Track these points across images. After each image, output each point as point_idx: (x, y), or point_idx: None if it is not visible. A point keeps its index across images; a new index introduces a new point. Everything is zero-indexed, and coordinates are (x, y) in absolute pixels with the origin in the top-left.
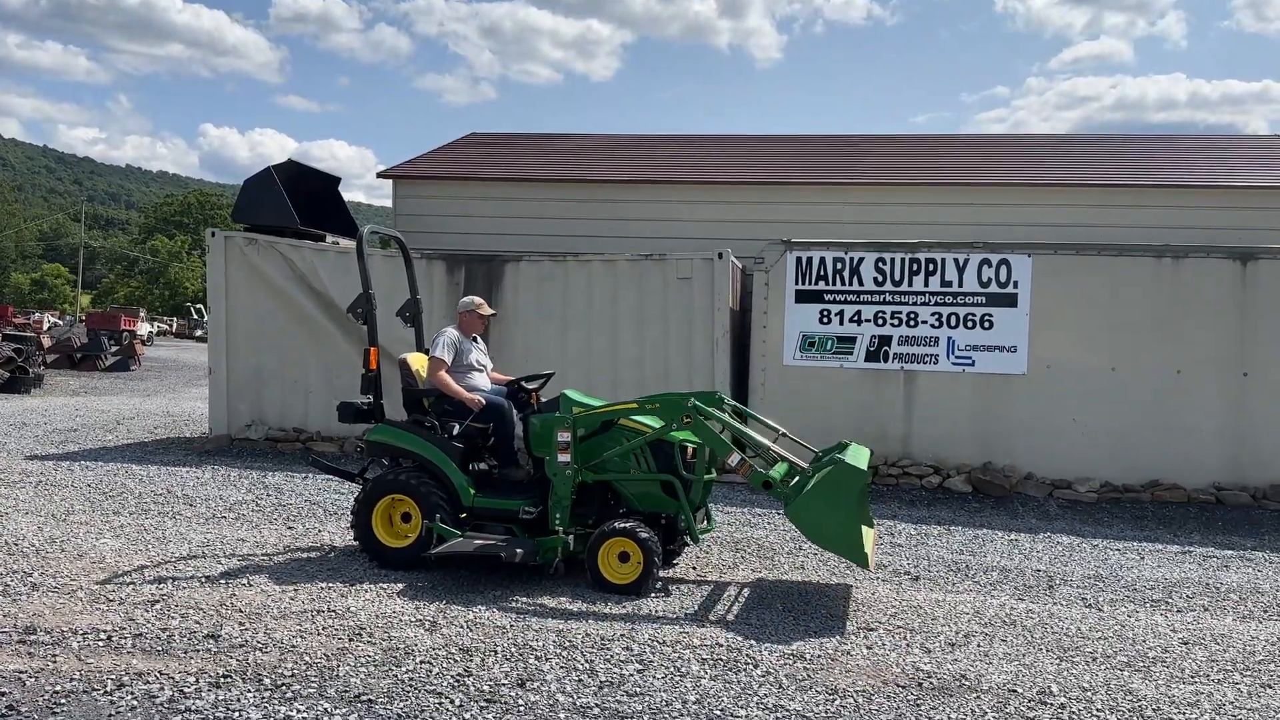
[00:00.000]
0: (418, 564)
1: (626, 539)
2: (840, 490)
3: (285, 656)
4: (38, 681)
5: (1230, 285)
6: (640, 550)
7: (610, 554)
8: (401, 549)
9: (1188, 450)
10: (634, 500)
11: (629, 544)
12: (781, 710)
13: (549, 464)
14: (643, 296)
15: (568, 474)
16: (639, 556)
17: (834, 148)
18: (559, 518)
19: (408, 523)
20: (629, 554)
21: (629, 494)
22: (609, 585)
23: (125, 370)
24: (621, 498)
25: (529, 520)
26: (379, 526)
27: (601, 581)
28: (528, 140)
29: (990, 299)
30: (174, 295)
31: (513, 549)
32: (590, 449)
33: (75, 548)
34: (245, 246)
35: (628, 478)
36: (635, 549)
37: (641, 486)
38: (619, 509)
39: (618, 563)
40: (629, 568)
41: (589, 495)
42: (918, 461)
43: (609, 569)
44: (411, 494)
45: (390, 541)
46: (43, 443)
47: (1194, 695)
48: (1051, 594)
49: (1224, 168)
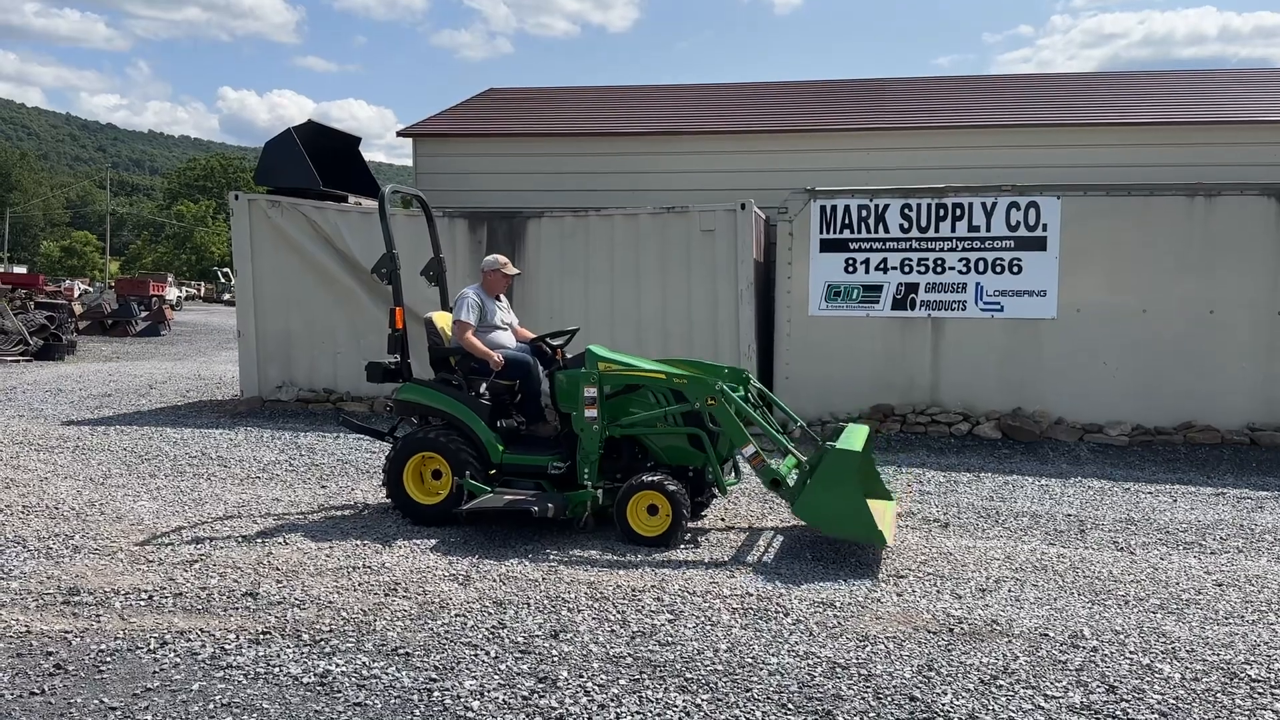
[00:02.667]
0: (449, 520)
1: (655, 492)
2: (838, 476)
3: (323, 612)
4: (83, 641)
5: (1265, 223)
6: (669, 502)
7: (639, 507)
8: (433, 505)
9: (1221, 391)
10: (661, 454)
11: (657, 497)
12: (813, 657)
13: (575, 419)
14: (666, 250)
15: (594, 429)
16: (667, 509)
17: (857, 92)
18: (587, 472)
19: (438, 480)
20: (658, 506)
21: (656, 448)
22: (638, 538)
23: (156, 335)
24: (649, 452)
25: (557, 475)
26: (410, 484)
27: (631, 534)
28: (546, 95)
29: (1019, 243)
30: (200, 259)
31: (543, 504)
32: (616, 405)
33: (114, 510)
34: (269, 209)
35: (655, 432)
36: (664, 501)
37: (669, 440)
38: (646, 462)
39: (646, 515)
40: (658, 520)
41: (616, 450)
42: (946, 409)
43: (638, 522)
44: (440, 451)
45: (422, 498)
46: (78, 408)
47: (1228, 636)
48: (1083, 538)
49: (1258, 102)
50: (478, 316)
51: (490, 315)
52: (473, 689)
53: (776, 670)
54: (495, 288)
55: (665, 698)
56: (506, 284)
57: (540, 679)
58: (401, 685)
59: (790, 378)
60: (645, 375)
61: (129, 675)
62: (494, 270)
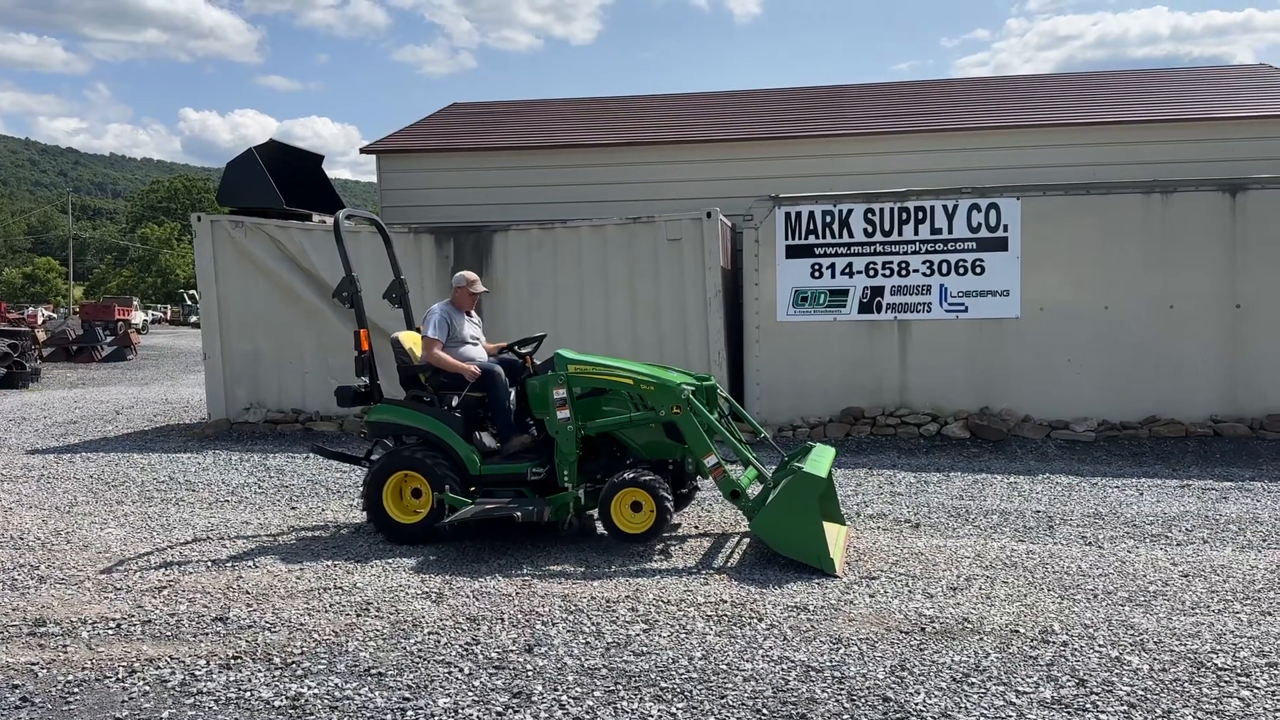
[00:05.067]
0: (433, 538)
1: (637, 488)
2: (800, 501)
3: (294, 635)
4: (50, 672)
5: (1221, 218)
6: (652, 498)
7: (622, 505)
8: (415, 524)
9: (1184, 385)
10: (640, 450)
11: (640, 493)
12: (787, 661)
13: (549, 423)
14: (633, 260)
15: (569, 430)
16: (651, 504)
17: (818, 99)
18: (566, 475)
19: (418, 498)
20: (641, 503)
21: (634, 444)
22: (624, 535)
23: (122, 360)
24: (628, 449)
25: (538, 481)
26: (390, 505)
27: (617, 532)
28: (511, 108)
29: (981, 244)
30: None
31: (525, 508)
32: (590, 406)
33: (81, 539)
34: (232, 230)
35: (631, 427)
36: (647, 497)
37: (646, 435)
38: (625, 460)
39: (631, 512)
40: (642, 516)
41: (594, 450)
42: (915, 410)
43: (623, 519)
44: (418, 468)
45: (403, 518)
46: (43, 436)
47: (1194, 626)
48: (1052, 534)
49: (1210, 100)
50: (446, 333)
51: (459, 330)
52: (446, 706)
53: (751, 676)
54: (464, 304)
55: (641, 708)
56: (474, 301)
57: (515, 694)
58: (374, 705)
59: (761, 384)
60: (614, 380)
61: (97, 705)
62: (462, 287)
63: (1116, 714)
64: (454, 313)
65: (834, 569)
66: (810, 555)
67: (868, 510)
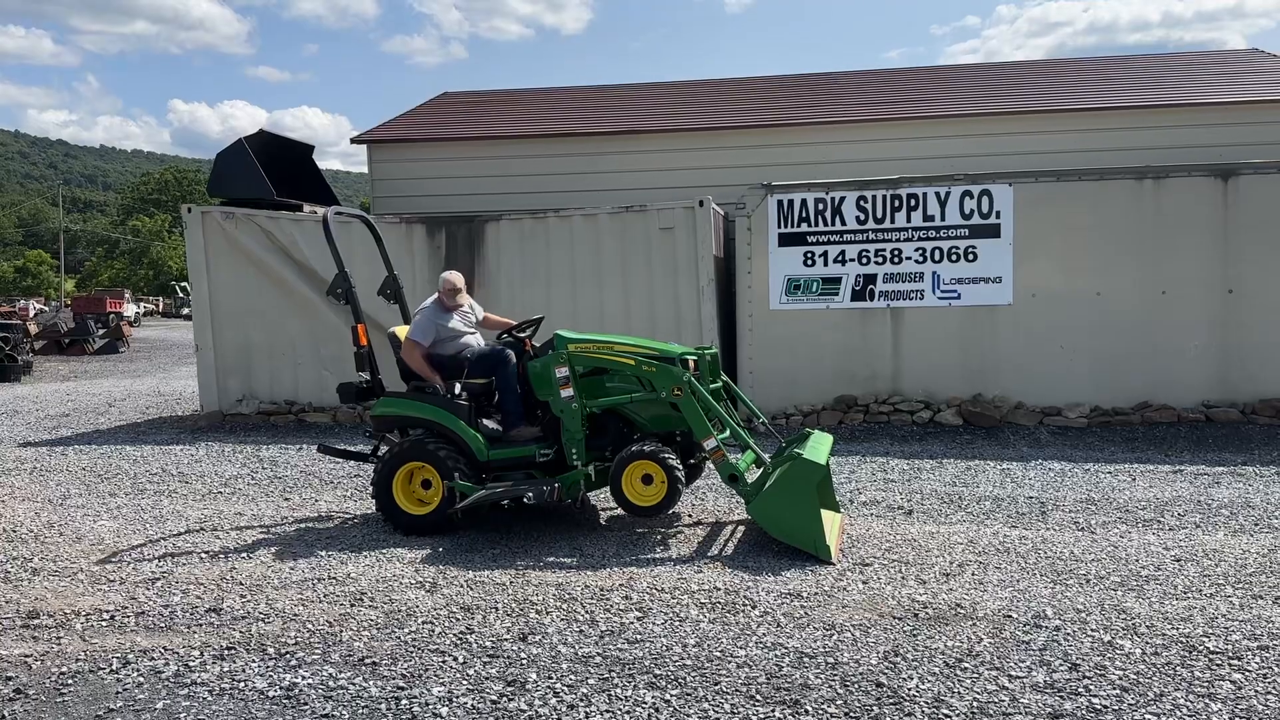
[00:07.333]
0: (445, 527)
1: (647, 461)
2: (799, 487)
3: (288, 625)
4: (43, 664)
5: (1212, 203)
6: (662, 469)
7: (633, 478)
8: (427, 515)
9: (1176, 370)
10: (646, 424)
11: (650, 465)
12: (780, 648)
13: (554, 403)
14: (626, 249)
15: (574, 408)
16: (662, 476)
17: (810, 87)
18: (575, 453)
19: (428, 489)
20: (652, 475)
21: (640, 419)
22: (636, 509)
23: (114, 352)
24: (634, 424)
25: (546, 461)
26: (401, 496)
27: (629, 506)
28: (501, 98)
29: (973, 231)
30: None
31: (537, 488)
32: (593, 384)
33: (74, 531)
34: (223, 221)
35: (636, 402)
36: (657, 469)
37: (651, 409)
38: (633, 434)
39: (642, 486)
40: (653, 489)
41: (601, 426)
42: (908, 398)
43: (634, 493)
44: (426, 459)
45: (415, 510)
46: (35, 429)
47: (1186, 610)
48: (1044, 520)
49: (1202, 85)
50: (431, 336)
51: (448, 328)
52: (441, 695)
53: (745, 663)
54: (450, 303)
55: (635, 695)
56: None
57: (509, 682)
58: (369, 695)
59: (754, 372)
60: (615, 360)
61: (91, 697)
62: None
63: (1109, 698)
64: (440, 313)
65: (829, 556)
66: (806, 541)
67: (861, 497)
